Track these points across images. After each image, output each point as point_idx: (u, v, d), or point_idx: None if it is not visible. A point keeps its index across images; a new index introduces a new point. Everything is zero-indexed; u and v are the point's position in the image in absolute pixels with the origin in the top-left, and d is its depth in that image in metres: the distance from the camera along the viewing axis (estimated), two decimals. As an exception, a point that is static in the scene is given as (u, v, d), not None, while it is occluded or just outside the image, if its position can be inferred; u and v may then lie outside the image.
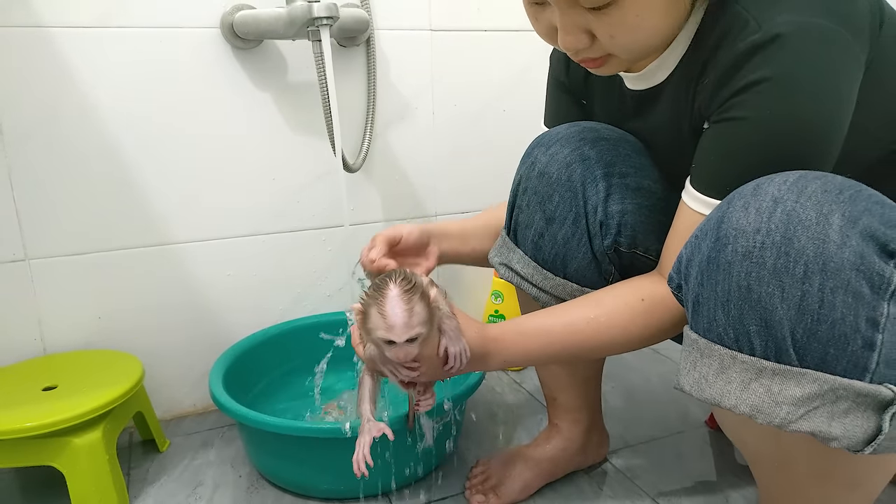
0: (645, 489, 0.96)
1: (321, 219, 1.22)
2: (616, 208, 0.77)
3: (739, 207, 0.55)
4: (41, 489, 0.99)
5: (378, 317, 0.65)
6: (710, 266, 0.56)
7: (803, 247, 0.51)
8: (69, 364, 1.03)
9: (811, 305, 0.51)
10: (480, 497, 0.92)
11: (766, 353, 0.53)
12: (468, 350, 0.70)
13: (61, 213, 1.04)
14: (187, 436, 1.12)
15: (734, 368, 0.55)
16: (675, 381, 0.61)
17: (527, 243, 0.82)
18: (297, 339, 1.19)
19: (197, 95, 1.08)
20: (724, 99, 0.63)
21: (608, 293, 0.74)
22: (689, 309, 0.59)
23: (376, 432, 0.74)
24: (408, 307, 0.64)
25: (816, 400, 0.52)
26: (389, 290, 0.65)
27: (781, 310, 0.52)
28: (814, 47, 0.59)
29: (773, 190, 0.54)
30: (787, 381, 0.52)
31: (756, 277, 0.52)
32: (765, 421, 0.53)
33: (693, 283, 0.58)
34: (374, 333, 0.66)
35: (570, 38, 0.66)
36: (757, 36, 0.60)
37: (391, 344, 0.65)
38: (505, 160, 1.03)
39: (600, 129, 0.81)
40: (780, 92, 0.60)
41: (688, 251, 0.59)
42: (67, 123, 1.02)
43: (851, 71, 0.61)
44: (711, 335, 0.56)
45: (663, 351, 1.41)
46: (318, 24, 0.97)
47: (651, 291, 0.71)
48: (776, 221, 0.52)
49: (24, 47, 0.98)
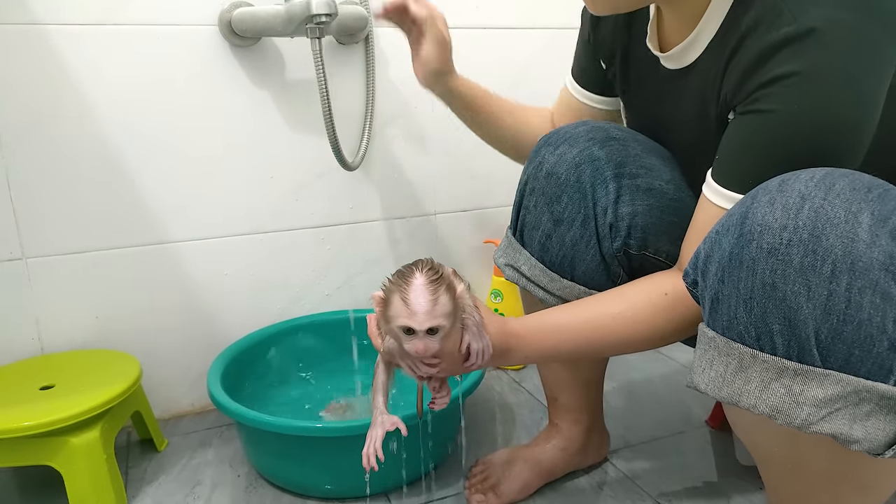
0: (646, 489, 0.95)
1: (320, 217, 1.22)
2: (626, 210, 0.76)
3: (765, 203, 0.54)
4: (39, 489, 0.98)
5: (400, 303, 0.63)
6: (732, 262, 0.55)
7: (831, 245, 0.50)
8: (67, 363, 1.02)
9: (837, 305, 0.50)
10: (480, 496, 0.91)
11: (789, 352, 0.52)
12: (490, 347, 0.68)
13: (58, 212, 1.04)
14: (185, 435, 1.12)
15: (754, 368, 0.54)
16: (687, 380, 0.60)
17: (534, 244, 0.81)
18: (295, 338, 1.19)
19: (195, 94, 1.08)
20: (752, 90, 0.62)
21: (631, 288, 0.73)
22: (706, 305, 0.58)
23: (390, 426, 0.72)
24: (433, 297, 0.62)
25: (839, 402, 0.51)
26: (415, 279, 0.63)
27: (807, 309, 0.51)
28: (846, 45, 0.58)
29: (800, 186, 0.53)
30: (810, 381, 0.51)
31: (781, 275, 0.51)
32: (785, 422, 0.52)
33: (712, 279, 0.57)
34: (394, 321, 0.64)
35: None
36: (791, 28, 0.59)
37: (410, 334, 0.63)
38: (504, 159, 1.03)
39: (609, 129, 0.80)
40: (810, 87, 0.59)
41: (706, 247, 0.58)
42: (64, 122, 1.01)
43: (882, 71, 0.60)
44: (731, 333, 0.55)
45: (665, 351, 1.41)
46: (317, 21, 0.96)
47: (674, 286, 0.69)
48: (804, 218, 0.51)
49: (21, 45, 0.97)
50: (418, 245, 1.31)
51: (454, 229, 1.34)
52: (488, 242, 1.37)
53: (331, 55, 1.15)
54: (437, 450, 1.00)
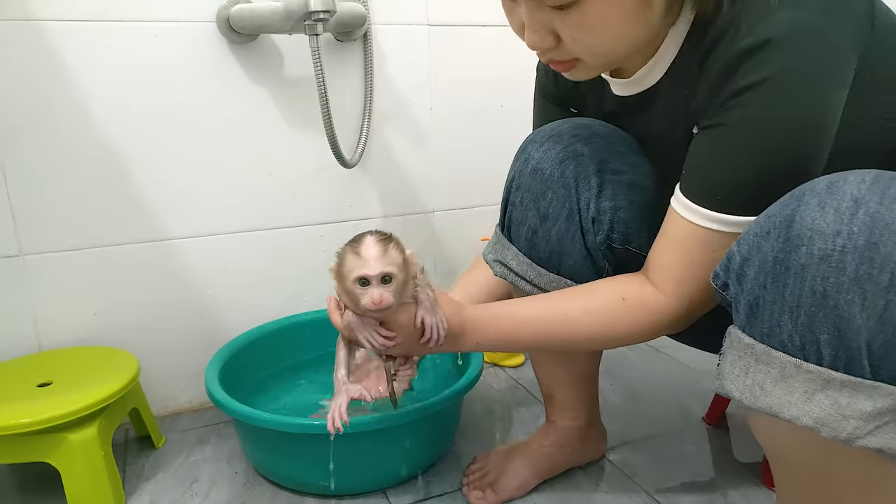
0: (643, 486, 0.96)
1: (318, 215, 1.22)
2: (608, 204, 0.77)
3: (814, 206, 0.51)
4: (37, 486, 0.98)
5: (353, 257, 0.67)
6: (776, 268, 0.53)
7: (890, 253, 0.48)
8: (64, 360, 1.02)
9: (894, 316, 0.48)
10: (478, 493, 0.92)
11: (835, 363, 0.50)
12: (445, 323, 0.70)
13: (56, 209, 1.03)
14: (183, 432, 1.12)
15: (797, 378, 0.52)
16: (716, 385, 0.58)
17: (521, 240, 0.81)
18: (294, 336, 1.19)
19: (192, 90, 1.08)
20: (717, 105, 0.63)
21: (591, 288, 0.75)
22: (741, 310, 0.57)
23: (355, 393, 0.75)
24: (383, 248, 0.67)
25: (888, 415, 0.49)
26: (365, 237, 0.69)
27: (860, 319, 0.49)
28: (803, 49, 0.58)
29: (852, 189, 0.51)
30: (858, 394, 0.50)
31: (834, 283, 0.49)
32: (830, 435, 0.51)
33: (751, 284, 0.55)
34: (349, 276, 0.67)
35: (535, 37, 0.66)
36: (748, 41, 0.59)
37: (365, 286, 0.66)
38: (503, 156, 1.02)
39: (594, 126, 0.80)
40: (768, 98, 0.59)
41: (743, 249, 0.56)
42: (61, 118, 1.01)
43: (840, 72, 0.60)
44: (772, 341, 0.53)
45: (662, 348, 1.41)
46: (315, 17, 0.96)
47: (634, 292, 0.70)
48: (859, 224, 0.49)
49: (18, 41, 0.97)
50: (416, 242, 1.31)
51: (452, 227, 1.34)
52: (486, 240, 1.37)
53: (329, 52, 1.15)
54: (435, 446, 1.00)
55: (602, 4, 0.61)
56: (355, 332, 0.71)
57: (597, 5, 0.61)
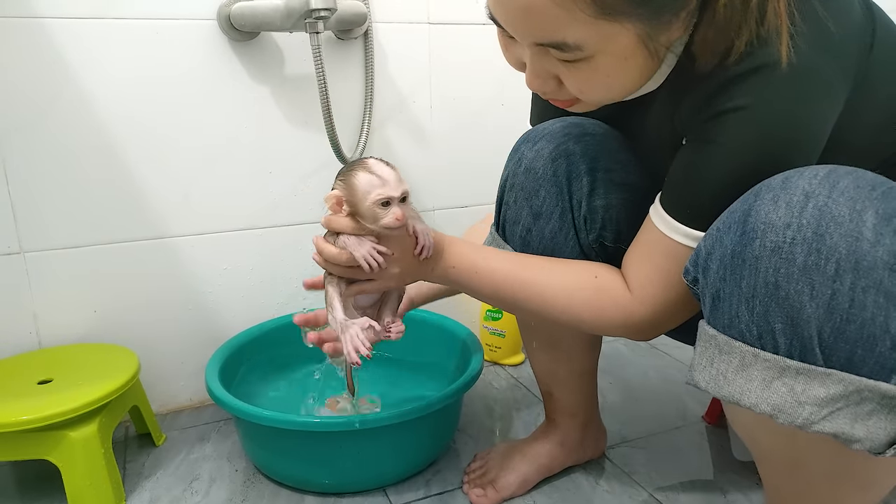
0: (642, 484, 0.96)
1: (318, 213, 1.21)
2: (600, 203, 0.77)
3: (768, 200, 0.53)
4: (37, 483, 0.98)
5: (369, 177, 0.69)
6: (734, 260, 0.54)
7: (835, 244, 0.50)
8: (65, 358, 1.02)
9: (841, 305, 0.50)
10: (478, 490, 0.92)
11: (791, 351, 0.52)
12: (431, 232, 0.73)
13: (56, 206, 1.03)
14: (183, 430, 1.12)
15: (756, 366, 0.54)
16: (687, 377, 0.60)
17: (515, 239, 0.82)
18: (294, 333, 1.18)
19: (193, 88, 1.08)
20: (702, 121, 0.63)
21: (567, 264, 0.76)
22: (706, 303, 0.58)
23: (364, 323, 0.74)
24: (394, 169, 0.71)
25: (840, 401, 0.51)
26: (369, 160, 0.71)
27: (810, 308, 0.51)
28: (794, 82, 0.58)
29: (804, 184, 0.53)
30: (812, 381, 0.51)
31: (785, 274, 0.51)
32: (786, 421, 0.52)
33: (713, 276, 0.57)
34: (369, 197, 0.68)
35: (537, 82, 0.66)
36: (743, 64, 0.59)
37: (386, 207, 0.68)
38: (503, 155, 1.02)
39: (586, 125, 0.81)
40: (754, 122, 0.60)
41: (707, 244, 0.58)
42: (62, 116, 1.01)
43: (827, 108, 0.60)
44: (732, 331, 0.55)
45: (661, 347, 1.41)
46: (316, 15, 0.96)
47: (608, 277, 0.72)
48: (808, 217, 0.51)
49: (18, 38, 0.97)
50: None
51: (453, 225, 1.34)
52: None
53: (330, 50, 1.15)
54: (436, 445, 1.00)
55: (612, 60, 0.61)
56: (354, 251, 0.72)
57: (607, 61, 0.61)
